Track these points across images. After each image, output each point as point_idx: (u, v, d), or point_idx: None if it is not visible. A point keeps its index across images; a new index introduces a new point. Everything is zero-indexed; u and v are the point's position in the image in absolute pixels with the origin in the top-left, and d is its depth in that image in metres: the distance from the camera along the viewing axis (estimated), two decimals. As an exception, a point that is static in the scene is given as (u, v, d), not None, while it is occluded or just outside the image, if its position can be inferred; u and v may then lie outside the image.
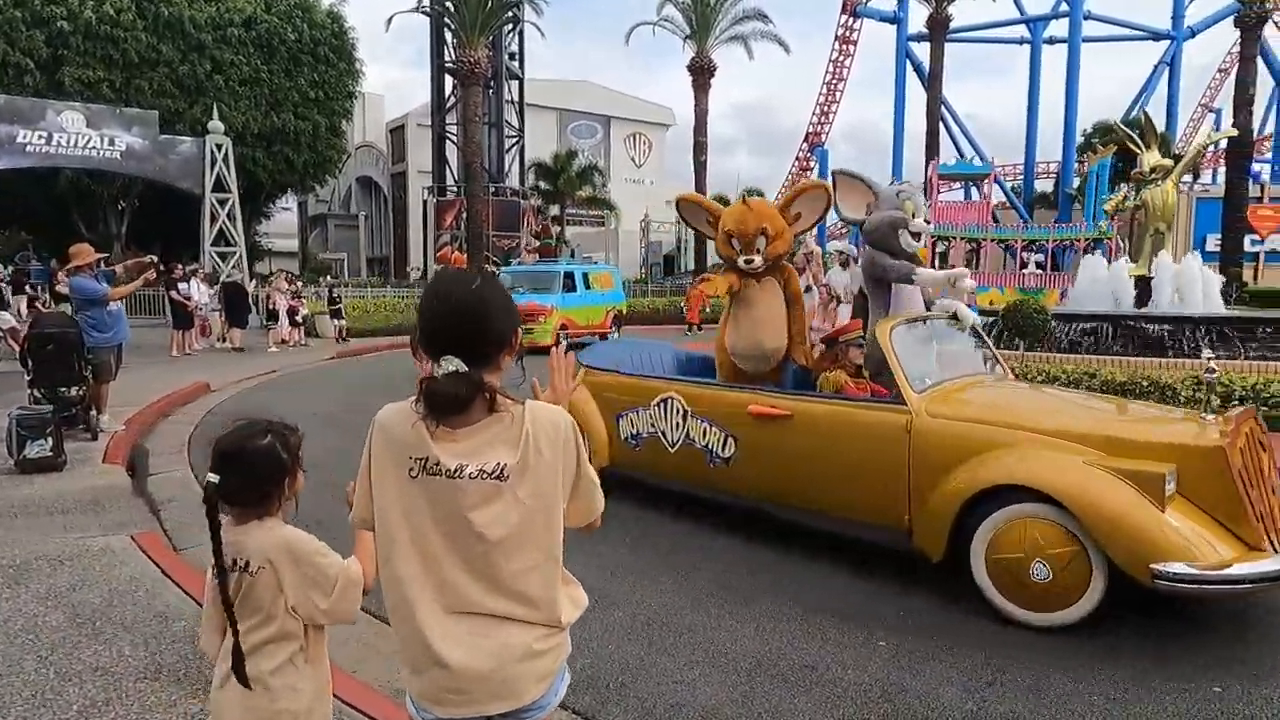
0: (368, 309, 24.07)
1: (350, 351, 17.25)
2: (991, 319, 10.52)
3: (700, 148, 32.31)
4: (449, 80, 33.39)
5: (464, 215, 32.80)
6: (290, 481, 1.88)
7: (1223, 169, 36.57)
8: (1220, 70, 50.37)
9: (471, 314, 1.55)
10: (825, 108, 48.63)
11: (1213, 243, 33.91)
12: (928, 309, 5.54)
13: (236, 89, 28.78)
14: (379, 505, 1.60)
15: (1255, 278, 32.60)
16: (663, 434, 5.47)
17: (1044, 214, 44.07)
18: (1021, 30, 41.76)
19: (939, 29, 32.81)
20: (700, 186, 32.97)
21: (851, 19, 42.55)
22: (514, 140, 35.28)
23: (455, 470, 1.52)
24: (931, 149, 33.42)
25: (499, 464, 1.52)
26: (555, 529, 1.58)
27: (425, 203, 33.44)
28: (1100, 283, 14.14)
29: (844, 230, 31.38)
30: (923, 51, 40.71)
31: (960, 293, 5.34)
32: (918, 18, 39.95)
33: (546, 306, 17.08)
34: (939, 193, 25.06)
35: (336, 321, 19.14)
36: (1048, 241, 24.68)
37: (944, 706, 3.10)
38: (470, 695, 1.55)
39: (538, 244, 27.16)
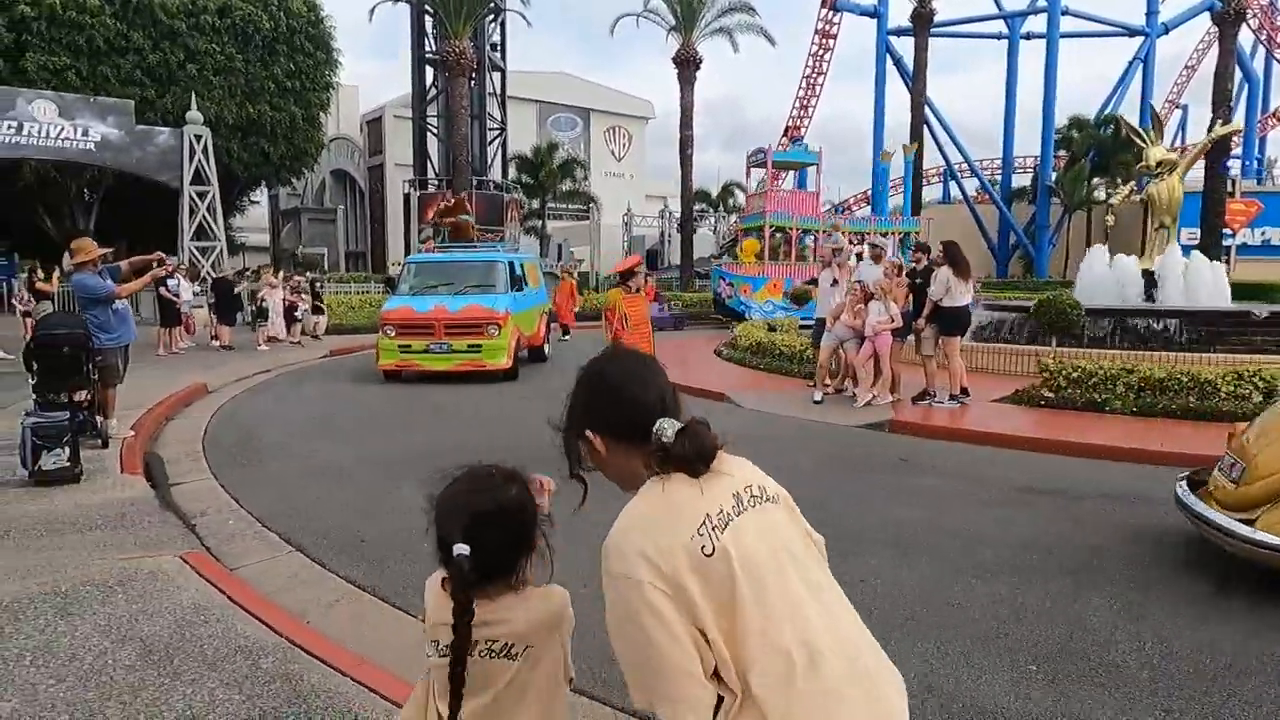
0: (352, 305, 23.48)
1: (344, 349, 16.75)
2: (1024, 314, 10.38)
3: (686, 141, 32.02)
4: (429, 71, 32.68)
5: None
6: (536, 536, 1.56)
7: (1200, 164, 37.15)
8: (1188, 67, 51.23)
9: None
10: (805, 101, 48.58)
11: (1186, 236, 34.46)
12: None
13: (210, 78, 27.91)
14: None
15: (1228, 271, 33.17)
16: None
17: (1022, 207, 44.57)
18: (1000, 26, 42.06)
19: (923, 23, 32.89)
20: (686, 181, 32.72)
21: (831, 13, 42.49)
22: (496, 133, 34.70)
23: None
24: (916, 142, 33.47)
25: None
26: None
27: (407, 196, 32.75)
28: (1104, 278, 14.14)
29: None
30: (901, 45, 40.90)
31: None
32: (896, 11, 40.14)
33: (498, 313, 11.95)
34: (780, 180, 24.98)
35: (317, 318, 18.62)
36: (882, 234, 24.23)
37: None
38: None
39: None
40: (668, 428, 1.37)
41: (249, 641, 3.38)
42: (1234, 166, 41.48)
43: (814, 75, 48.01)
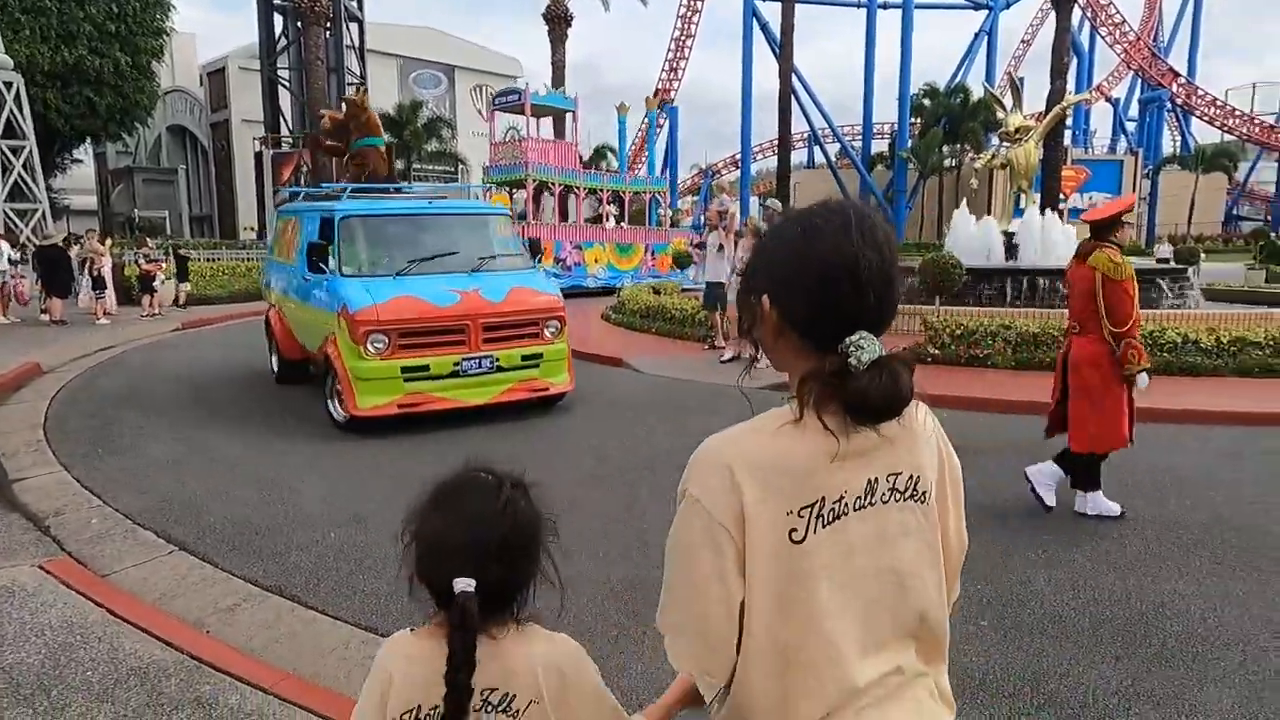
0: (204, 274, 21.62)
1: (195, 321, 15.37)
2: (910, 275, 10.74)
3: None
4: (278, 20, 30.26)
5: (303, 169, 30.15)
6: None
7: (1037, 133, 39.88)
8: (1024, 41, 54.88)
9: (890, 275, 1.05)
10: (673, 64, 48.67)
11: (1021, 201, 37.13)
12: None
13: (17, 17, 24.66)
14: None
15: (1064, 233, 36.06)
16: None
17: (881, 172, 46.61)
18: (859, -6, 43.33)
19: (790, -11, 33.32)
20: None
21: (700, -26, 42.53)
22: (355, 88, 32.65)
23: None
24: (784, 109, 34.19)
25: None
26: None
27: (259, 155, 30.39)
28: (972, 238, 14.89)
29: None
30: (769, 11, 41.51)
31: None
32: (764, -24, 40.61)
33: (557, 301, 7.62)
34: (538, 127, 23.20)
35: (183, 285, 17.11)
36: (622, 192, 24.08)
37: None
38: None
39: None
40: (866, 347, 1.00)
41: (142, 662, 2.92)
42: (1064, 136, 44.93)
43: (683, 38, 48.13)
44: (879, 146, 49.20)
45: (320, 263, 7.09)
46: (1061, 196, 37.78)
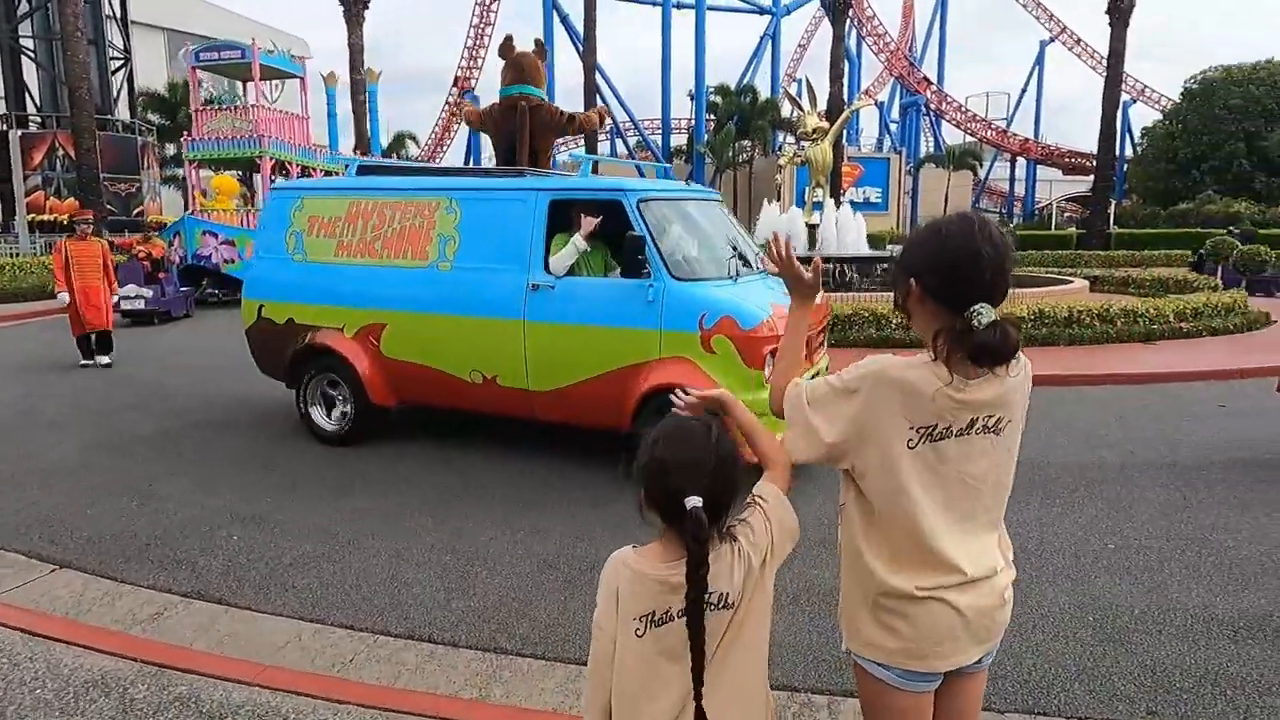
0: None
1: (-49, 327, 13.36)
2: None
3: (358, 86, 29.90)
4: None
5: (58, 152, 26.68)
6: None
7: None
8: (800, 46, 59.28)
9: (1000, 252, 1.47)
10: (474, 52, 47.83)
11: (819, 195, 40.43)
12: None
13: None
14: None
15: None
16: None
17: (681, 166, 48.59)
18: (655, -8, 44.79)
19: (591, -18, 33.86)
20: (360, 129, 30.64)
21: (497, -39, 42.06)
22: (119, 63, 29.35)
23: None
24: (590, 101, 34.78)
25: None
26: None
27: (5, 135, 26.51)
28: (780, 228, 16.21)
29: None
30: (569, 4, 41.93)
31: None
32: (563, -32, 40.94)
33: None
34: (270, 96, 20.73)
35: None
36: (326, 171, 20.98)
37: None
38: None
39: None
40: (985, 313, 1.39)
41: (93, 674, 2.81)
42: (843, 135, 49.16)
43: (482, 25, 47.39)
44: (678, 140, 51.26)
45: (639, 262, 5.08)
46: (843, 190, 41.53)
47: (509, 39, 7.80)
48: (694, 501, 1.39)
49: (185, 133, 20.99)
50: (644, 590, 1.45)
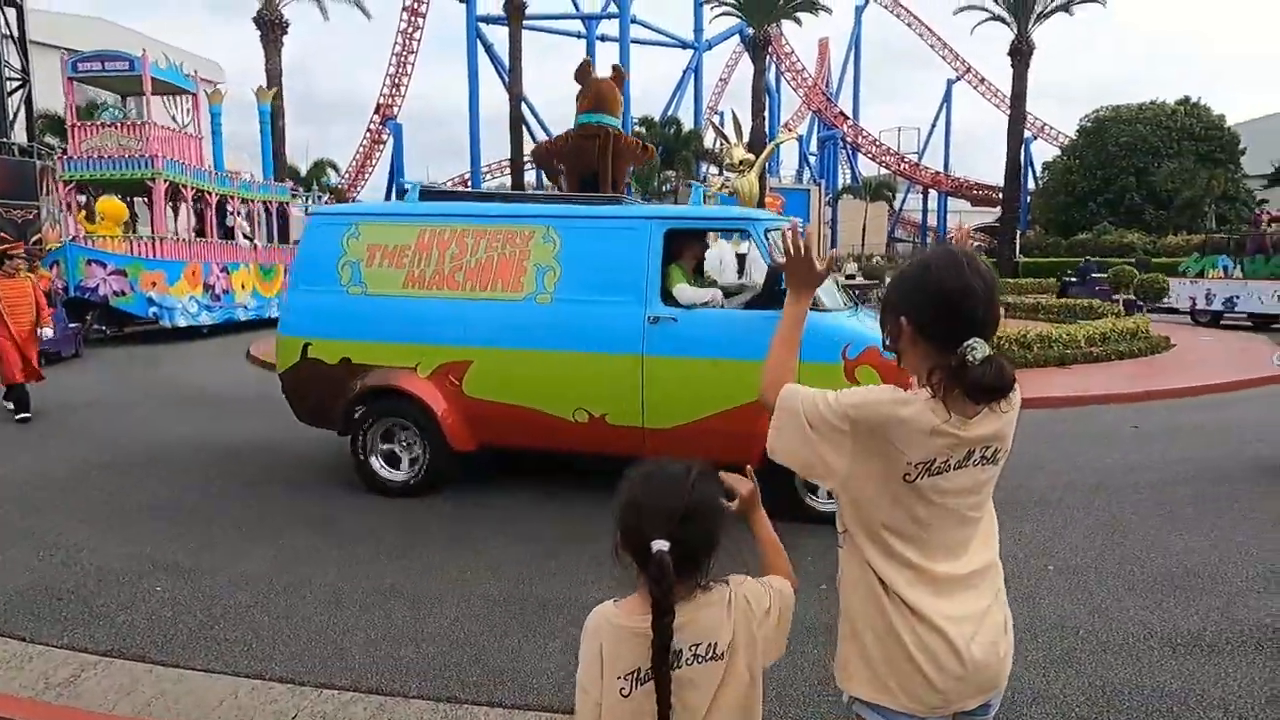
0: None
1: None
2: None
3: (277, 112, 29.14)
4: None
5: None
6: None
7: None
8: (721, 80, 60.75)
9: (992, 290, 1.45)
10: (396, 80, 47.40)
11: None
12: None
13: None
14: None
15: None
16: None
17: (607, 196, 48.86)
18: (579, 25, 45.32)
19: (516, 14, 34.03)
20: (279, 155, 29.82)
21: (419, -9, 41.90)
22: (17, 84, 27.89)
23: None
24: (515, 131, 34.79)
25: None
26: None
27: (-116, 159, 24.71)
28: (713, 259, 16.43)
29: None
30: (493, 33, 41.99)
31: None
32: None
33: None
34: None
35: None
36: (268, 203, 21.12)
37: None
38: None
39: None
40: (979, 348, 1.37)
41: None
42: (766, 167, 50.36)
43: (405, 53, 46.98)
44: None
45: (780, 293, 4.78)
46: (763, 220, 42.39)
47: (586, 63, 7.59)
48: (659, 545, 1.33)
49: (61, 150, 19.00)
50: (627, 646, 1.37)
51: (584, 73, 7.46)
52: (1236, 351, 12.84)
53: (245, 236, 18.93)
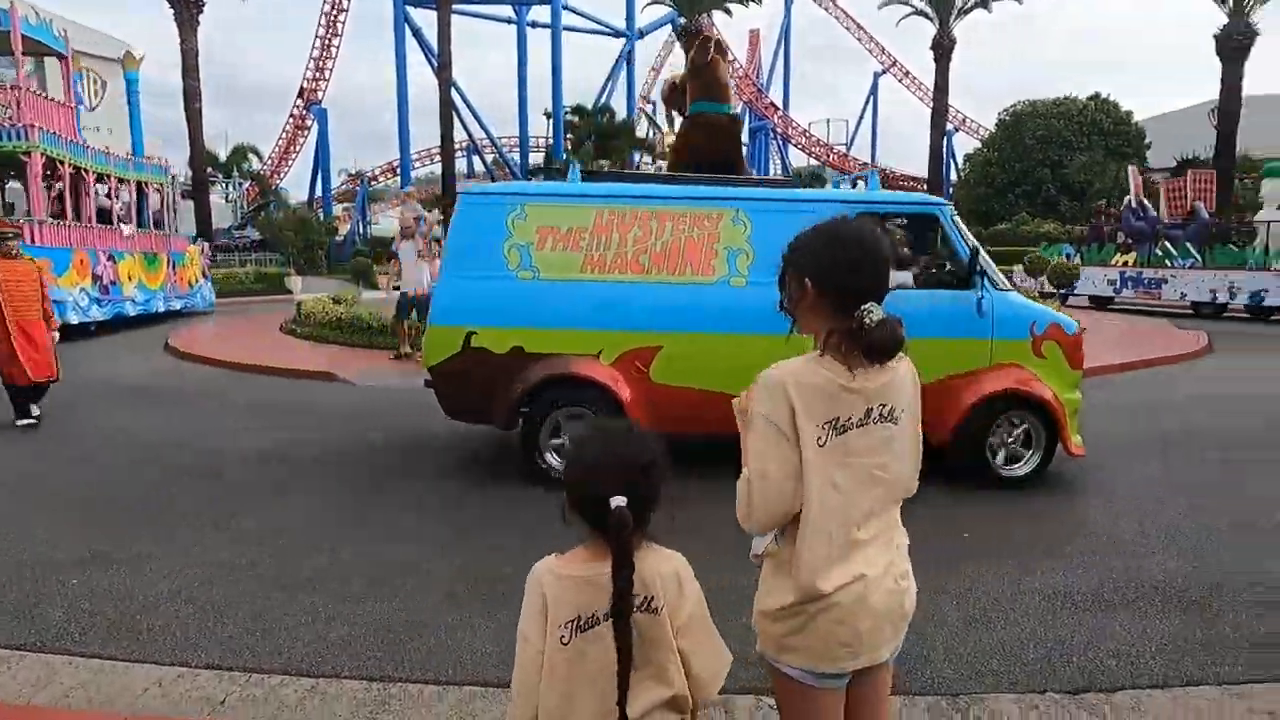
0: None
1: None
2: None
3: (192, 93, 28.03)
4: None
5: None
6: None
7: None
8: (653, 69, 60.84)
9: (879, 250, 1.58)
10: (320, 63, 46.09)
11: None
12: None
13: None
14: None
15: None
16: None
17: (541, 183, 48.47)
18: (509, 11, 44.71)
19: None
20: (195, 139, 28.72)
21: (341, -29, 40.71)
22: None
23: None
24: (446, 119, 34.19)
25: None
26: None
27: None
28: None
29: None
30: (420, 17, 41.08)
31: None
32: (415, -19, 40.10)
33: None
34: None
35: None
36: (145, 184, 18.34)
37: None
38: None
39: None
40: (875, 311, 1.48)
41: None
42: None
43: (329, 36, 45.71)
44: (536, 158, 51.19)
45: (981, 273, 5.25)
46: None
47: (705, 40, 7.62)
48: (618, 500, 1.41)
49: None
50: (570, 593, 1.44)
51: (704, 49, 7.50)
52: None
53: (121, 220, 16.87)
